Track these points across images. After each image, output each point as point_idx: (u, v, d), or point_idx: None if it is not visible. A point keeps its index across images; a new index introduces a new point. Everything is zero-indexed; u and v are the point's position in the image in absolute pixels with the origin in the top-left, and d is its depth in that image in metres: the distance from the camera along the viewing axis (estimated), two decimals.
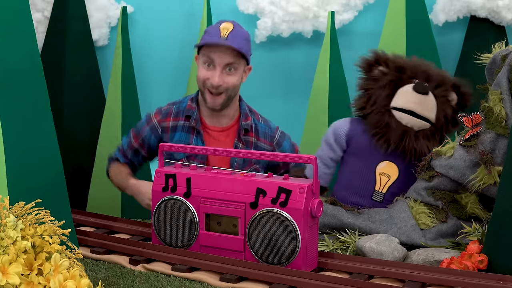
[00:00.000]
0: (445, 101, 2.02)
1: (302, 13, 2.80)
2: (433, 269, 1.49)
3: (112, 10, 2.99)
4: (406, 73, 2.03)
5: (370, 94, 2.05)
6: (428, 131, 2.00)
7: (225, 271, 1.53)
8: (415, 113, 1.98)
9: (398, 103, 2.00)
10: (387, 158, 2.01)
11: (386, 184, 2.01)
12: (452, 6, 2.73)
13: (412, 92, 1.99)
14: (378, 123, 2.00)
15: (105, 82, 2.92)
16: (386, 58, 2.08)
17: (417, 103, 1.98)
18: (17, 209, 1.21)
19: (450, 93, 2.04)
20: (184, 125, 2.20)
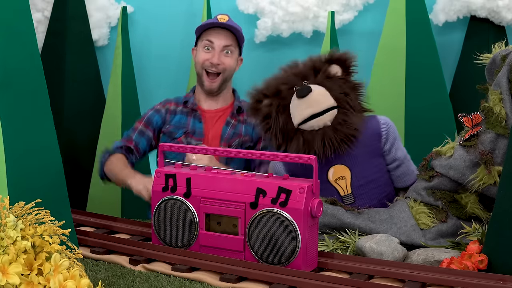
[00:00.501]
0: (330, 81, 1.96)
1: (302, 13, 2.80)
2: (433, 269, 1.49)
3: (112, 10, 3.00)
4: (283, 90, 1.98)
5: (275, 131, 1.99)
6: (339, 114, 1.94)
7: (225, 271, 1.53)
8: (316, 114, 1.93)
9: (297, 119, 1.94)
10: (330, 164, 1.97)
11: (346, 185, 1.99)
12: (452, 6, 2.73)
13: (299, 101, 1.93)
14: (298, 147, 1.94)
15: (105, 82, 2.92)
16: (261, 91, 2.02)
17: (309, 105, 1.92)
18: (17, 209, 1.21)
19: (329, 69, 1.99)
20: (182, 110, 2.42)
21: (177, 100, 2.46)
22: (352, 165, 1.98)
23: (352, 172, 1.98)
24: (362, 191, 1.98)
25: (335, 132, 1.92)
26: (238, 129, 2.41)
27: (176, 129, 2.39)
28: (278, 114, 1.97)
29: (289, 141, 1.97)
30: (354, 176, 1.98)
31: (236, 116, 2.43)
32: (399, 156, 2.03)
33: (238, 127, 2.42)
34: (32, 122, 1.44)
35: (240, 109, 2.43)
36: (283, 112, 1.97)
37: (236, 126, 2.41)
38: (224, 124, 2.42)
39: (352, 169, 1.98)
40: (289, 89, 1.97)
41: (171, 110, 2.43)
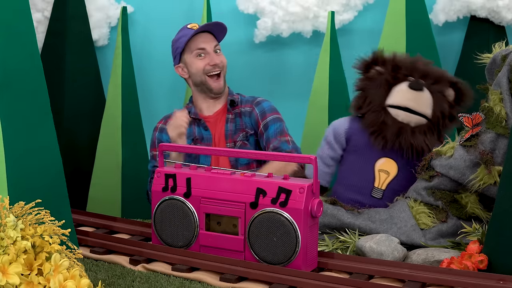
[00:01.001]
0: (441, 97, 2.03)
1: (302, 13, 2.80)
2: (433, 269, 1.49)
3: (112, 10, 2.99)
4: (401, 72, 2.05)
5: (366, 94, 2.07)
6: (425, 126, 2.01)
7: (225, 271, 1.53)
8: (410, 110, 2.00)
9: (394, 100, 2.02)
10: (386, 155, 2.02)
11: (385, 180, 2.01)
12: (452, 6, 2.73)
13: (407, 89, 2.01)
14: (374, 122, 2.02)
15: (105, 82, 2.92)
16: (384, 58, 2.10)
17: (412, 100, 2.00)
18: (17, 209, 1.21)
19: (447, 89, 2.06)
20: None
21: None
22: (402, 169, 2.02)
23: (397, 175, 2.02)
24: (391, 195, 2.00)
25: (412, 135, 1.98)
26: (238, 123, 2.41)
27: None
28: (382, 85, 2.05)
29: (371, 110, 2.04)
30: (396, 178, 2.02)
31: (231, 110, 2.44)
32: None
33: (237, 121, 2.42)
34: (32, 122, 1.44)
35: (234, 102, 2.44)
36: (386, 87, 2.05)
37: (235, 120, 2.42)
38: (225, 123, 2.42)
39: (399, 172, 2.02)
40: (406, 75, 2.05)
41: None
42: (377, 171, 2.02)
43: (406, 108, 2.00)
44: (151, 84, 3.03)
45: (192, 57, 2.42)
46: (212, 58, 2.39)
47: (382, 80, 2.06)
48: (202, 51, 2.41)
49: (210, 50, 2.41)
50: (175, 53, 2.47)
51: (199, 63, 2.40)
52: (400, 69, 2.06)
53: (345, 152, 2.10)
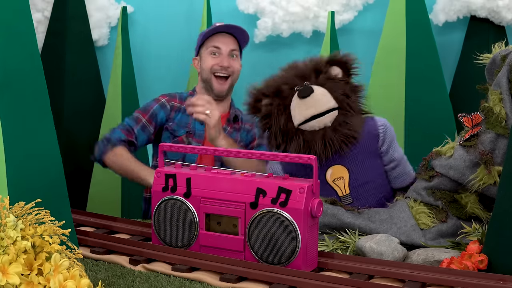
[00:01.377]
0: (332, 82, 1.97)
1: (303, 13, 2.80)
2: (433, 269, 1.49)
3: (112, 10, 3.00)
4: (284, 90, 1.98)
5: (273, 131, 2.00)
6: (340, 115, 1.95)
7: (225, 271, 1.53)
8: (317, 115, 1.94)
9: (298, 119, 1.95)
10: (329, 165, 1.98)
11: (344, 185, 1.99)
12: (452, 6, 2.73)
13: (300, 101, 1.94)
14: (298, 147, 1.95)
15: (105, 82, 2.92)
16: (261, 90, 2.03)
17: (310, 106, 1.93)
18: (17, 209, 1.21)
19: (331, 71, 2.00)
20: (185, 109, 2.40)
21: (181, 97, 2.47)
22: (351, 165, 1.99)
23: (350, 173, 1.99)
24: (360, 191, 1.99)
25: (335, 132, 1.93)
26: (233, 137, 2.42)
27: (178, 127, 2.39)
28: (279, 114, 1.97)
29: (289, 141, 1.97)
30: (352, 176, 1.99)
31: (232, 123, 2.46)
32: (396, 157, 2.04)
33: (233, 135, 2.43)
34: (32, 122, 1.43)
35: (236, 118, 2.46)
36: (284, 112, 1.97)
37: (232, 134, 2.43)
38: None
39: (350, 169, 1.99)
40: (290, 89, 1.97)
41: (176, 107, 2.44)
42: (332, 183, 1.99)
43: (312, 116, 1.93)
44: (151, 84, 3.03)
45: (207, 53, 2.43)
46: (223, 59, 2.39)
47: (276, 110, 1.98)
48: (216, 49, 2.41)
49: (224, 52, 2.40)
50: (197, 45, 2.48)
51: (210, 61, 2.41)
52: (281, 90, 1.99)
53: None
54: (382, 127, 2.01)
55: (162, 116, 2.41)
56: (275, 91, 2.00)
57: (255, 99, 2.03)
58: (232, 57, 2.43)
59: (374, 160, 2.01)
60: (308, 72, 2.00)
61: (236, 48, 2.45)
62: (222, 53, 2.41)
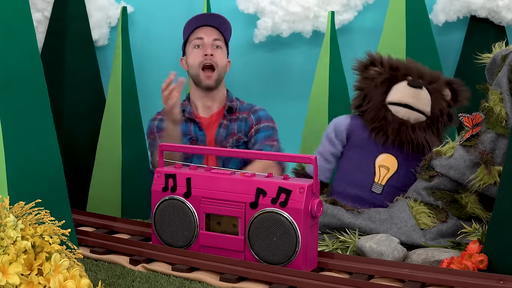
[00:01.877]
0: (439, 96, 2.07)
1: (303, 13, 2.80)
2: (433, 269, 1.49)
3: (112, 10, 2.99)
4: (400, 71, 2.10)
5: (366, 93, 2.11)
6: (424, 123, 2.04)
7: (225, 271, 1.53)
8: (410, 106, 2.03)
9: (394, 97, 2.05)
10: (386, 151, 2.04)
11: (385, 176, 2.03)
12: (452, 6, 2.73)
13: (407, 87, 2.05)
14: (375, 118, 2.05)
15: (105, 82, 2.92)
16: (381, 59, 2.14)
17: (412, 97, 2.03)
18: (17, 209, 1.21)
19: (444, 89, 2.09)
20: (183, 118, 2.42)
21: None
22: (401, 165, 2.04)
23: (397, 171, 2.04)
24: (392, 191, 2.02)
25: (412, 131, 2.02)
26: (230, 128, 2.42)
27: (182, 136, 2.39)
28: (382, 84, 2.08)
29: (371, 107, 2.08)
30: (396, 174, 2.04)
31: (227, 116, 2.45)
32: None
33: (230, 126, 2.43)
34: (32, 122, 1.43)
35: (231, 109, 2.45)
36: (385, 85, 2.08)
37: (228, 126, 2.43)
38: (218, 127, 2.43)
39: (399, 168, 2.04)
40: (404, 75, 2.09)
41: None
42: (377, 166, 2.04)
43: (406, 105, 2.03)
44: (151, 84, 3.03)
45: (191, 48, 2.43)
46: (206, 49, 2.38)
47: (382, 79, 2.09)
48: (199, 41, 2.41)
49: (207, 41, 2.40)
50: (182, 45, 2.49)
51: (194, 54, 2.41)
52: (398, 69, 2.10)
53: (345, 149, 2.12)
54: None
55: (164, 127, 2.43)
56: (393, 67, 2.11)
57: (371, 62, 2.14)
58: (216, 48, 2.42)
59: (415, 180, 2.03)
60: (426, 75, 2.10)
61: (220, 39, 2.44)
62: (205, 43, 2.40)
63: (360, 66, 2.16)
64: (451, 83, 2.12)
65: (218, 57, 2.41)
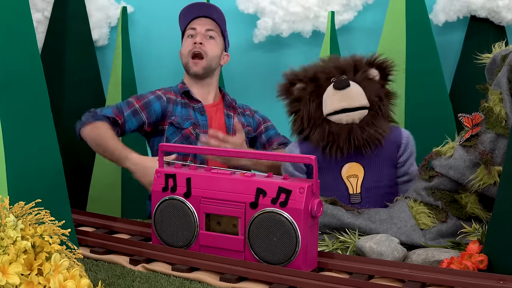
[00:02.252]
0: (368, 82, 2.01)
1: (303, 13, 2.80)
2: (433, 269, 1.49)
3: (112, 10, 2.99)
4: (321, 78, 2.02)
5: (301, 115, 2.04)
6: (368, 116, 1.98)
7: (225, 271, 1.53)
8: (348, 109, 1.97)
9: (328, 108, 1.98)
10: (347, 161, 2.00)
11: (357, 184, 2.01)
12: (452, 6, 2.73)
13: (335, 92, 1.97)
14: (322, 136, 1.98)
15: (105, 82, 2.92)
16: (298, 75, 2.06)
17: (344, 99, 1.96)
18: (17, 209, 1.21)
19: (369, 71, 2.04)
20: (181, 102, 2.42)
21: (174, 91, 2.46)
22: (367, 166, 2.00)
23: (366, 173, 2.00)
24: (370, 194, 1.99)
25: (361, 131, 1.96)
26: (239, 120, 2.44)
27: (182, 120, 2.38)
28: (310, 100, 2.01)
29: (314, 128, 2.01)
30: (366, 177, 2.00)
31: (233, 109, 2.48)
32: (411, 171, 2.04)
33: (239, 118, 2.45)
34: (32, 122, 1.43)
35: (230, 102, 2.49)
36: (315, 99, 2.01)
37: (238, 118, 2.45)
38: (225, 117, 2.44)
39: (366, 170, 2.00)
40: (327, 79, 2.01)
41: (173, 100, 2.42)
42: (345, 179, 2.01)
43: (343, 109, 1.97)
44: (151, 84, 3.03)
45: (185, 38, 2.46)
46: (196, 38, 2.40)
47: (308, 95, 2.02)
48: (192, 31, 2.43)
49: (199, 31, 2.41)
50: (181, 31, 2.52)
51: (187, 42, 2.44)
52: (318, 78, 2.02)
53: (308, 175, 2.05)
54: (405, 138, 2.03)
55: (157, 107, 2.37)
56: (312, 77, 2.03)
57: (290, 82, 2.07)
58: (209, 38, 2.43)
59: (391, 168, 2.02)
60: (347, 67, 2.03)
61: (213, 29, 2.44)
62: (197, 32, 2.42)
63: (283, 90, 2.08)
64: (372, 62, 2.05)
65: (208, 46, 2.41)
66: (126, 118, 2.32)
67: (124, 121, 2.32)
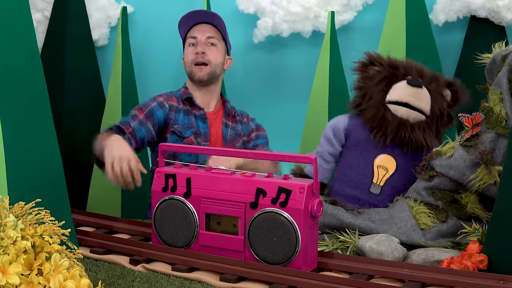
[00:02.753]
0: (438, 95, 2.07)
1: (303, 13, 2.80)
2: (433, 269, 1.49)
3: (112, 10, 2.99)
4: (400, 70, 2.08)
5: (365, 91, 2.10)
6: (424, 123, 2.04)
7: (225, 271, 1.53)
8: (410, 105, 2.02)
9: (393, 96, 2.04)
10: (385, 151, 2.04)
11: (384, 177, 2.02)
12: (452, 6, 2.73)
13: (407, 86, 2.03)
14: (374, 117, 2.04)
15: (105, 82, 2.92)
16: (380, 58, 2.14)
17: (412, 96, 2.02)
18: (17, 209, 1.21)
19: (444, 89, 2.09)
20: (184, 109, 2.40)
21: (176, 97, 2.43)
22: (401, 166, 2.03)
23: (396, 171, 2.03)
24: (390, 192, 2.01)
25: (411, 130, 2.00)
26: (236, 129, 2.43)
27: (184, 129, 2.36)
28: (381, 82, 2.07)
29: (370, 106, 2.06)
30: (395, 174, 2.03)
31: (232, 117, 2.46)
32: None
33: (236, 128, 2.43)
34: (32, 122, 1.43)
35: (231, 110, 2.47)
36: (384, 83, 2.07)
37: (235, 127, 2.43)
38: (223, 126, 2.42)
39: (398, 168, 2.03)
40: (404, 74, 2.07)
41: (175, 107, 2.39)
42: (375, 167, 2.04)
43: (406, 104, 2.02)
44: (151, 84, 3.03)
45: (187, 47, 2.44)
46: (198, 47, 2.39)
47: (381, 77, 2.09)
48: (193, 39, 2.41)
49: (200, 39, 2.40)
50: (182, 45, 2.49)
51: (189, 52, 2.41)
52: (398, 68, 2.09)
53: (344, 148, 2.12)
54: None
55: (160, 115, 2.36)
56: (394, 65, 2.09)
57: (370, 61, 2.13)
58: (211, 45, 2.41)
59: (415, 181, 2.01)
60: (426, 75, 2.09)
61: (214, 36, 2.41)
62: (198, 41, 2.40)
63: (360, 66, 2.15)
64: (451, 83, 2.12)
65: (211, 54, 2.39)
66: (135, 128, 2.30)
67: (133, 131, 2.30)
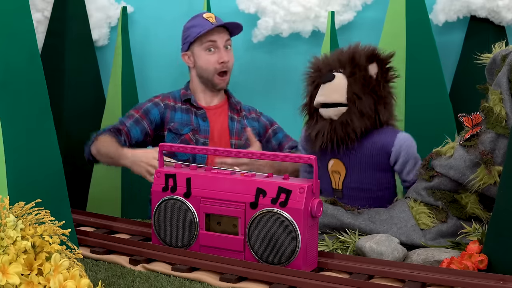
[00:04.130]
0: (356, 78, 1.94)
1: (304, 13, 2.80)
2: (433, 269, 1.49)
3: (112, 10, 2.99)
4: (322, 69, 2.01)
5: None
6: (346, 114, 1.93)
7: (225, 271, 1.53)
8: (325, 104, 1.96)
9: (314, 102, 2.00)
10: (333, 156, 2.00)
11: (339, 180, 2.00)
12: (452, 6, 2.73)
13: (321, 86, 1.98)
14: (309, 125, 2.01)
15: (105, 82, 2.92)
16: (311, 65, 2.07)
17: (323, 94, 1.95)
18: (17, 209, 1.21)
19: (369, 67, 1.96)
20: (181, 108, 2.41)
21: (174, 97, 2.45)
22: (350, 167, 1.99)
23: (347, 172, 1.99)
24: (351, 193, 1.99)
25: (342, 127, 1.93)
26: (242, 123, 2.43)
27: (181, 126, 2.37)
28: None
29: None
30: (348, 177, 1.99)
31: (237, 112, 2.46)
32: (410, 179, 1.99)
33: (242, 122, 2.44)
34: (32, 122, 1.44)
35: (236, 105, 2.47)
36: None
37: (241, 121, 2.44)
38: (229, 119, 2.43)
39: (348, 169, 1.99)
40: (329, 71, 1.99)
41: (171, 106, 2.41)
42: (330, 173, 2.01)
43: (322, 104, 1.96)
44: (151, 84, 3.03)
45: (201, 50, 2.39)
46: (222, 55, 2.36)
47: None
48: (212, 44, 2.37)
49: (220, 45, 2.37)
50: (184, 40, 2.45)
51: (209, 58, 2.38)
52: (320, 70, 2.02)
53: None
54: (397, 145, 1.95)
55: (155, 113, 2.38)
56: (317, 69, 2.04)
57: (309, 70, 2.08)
58: (227, 49, 2.41)
59: (378, 172, 1.98)
60: (345, 62, 1.98)
61: (229, 38, 2.43)
62: (218, 46, 2.37)
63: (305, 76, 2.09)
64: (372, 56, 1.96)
65: (230, 59, 2.41)
66: (130, 127, 2.34)
67: (128, 130, 2.34)
